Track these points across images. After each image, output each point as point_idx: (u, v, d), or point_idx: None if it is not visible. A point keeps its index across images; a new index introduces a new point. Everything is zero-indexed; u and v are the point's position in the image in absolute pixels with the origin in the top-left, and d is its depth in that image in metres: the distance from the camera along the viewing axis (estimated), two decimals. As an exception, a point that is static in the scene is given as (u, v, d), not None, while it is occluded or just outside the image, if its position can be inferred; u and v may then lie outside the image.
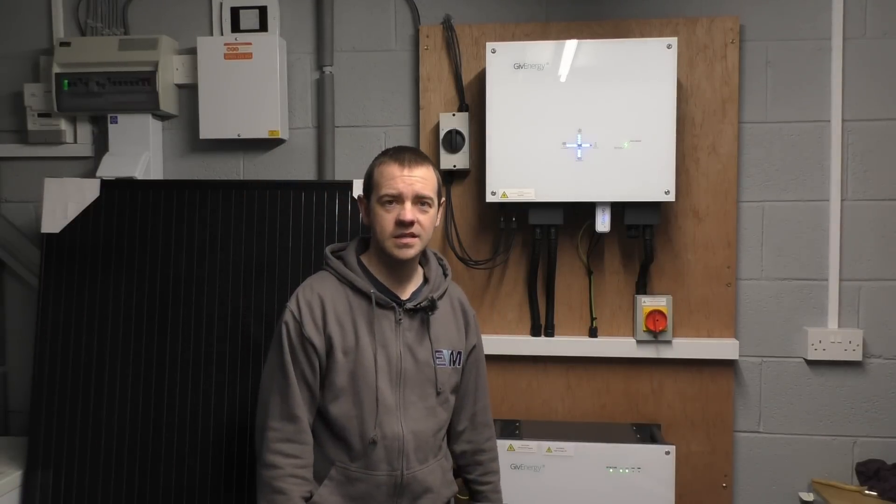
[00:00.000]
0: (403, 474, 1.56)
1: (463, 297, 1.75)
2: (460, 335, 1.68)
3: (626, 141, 2.02)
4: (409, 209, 1.54)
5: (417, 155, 1.59)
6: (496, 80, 2.06)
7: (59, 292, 2.13)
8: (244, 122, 2.25)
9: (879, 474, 2.07)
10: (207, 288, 2.09)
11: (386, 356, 1.57)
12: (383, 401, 1.55)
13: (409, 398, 1.58)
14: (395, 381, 1.57)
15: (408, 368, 1.58)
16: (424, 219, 1.57)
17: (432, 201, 1.58)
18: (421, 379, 1.59)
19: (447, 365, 1.64)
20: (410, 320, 1.60)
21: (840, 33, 2.14)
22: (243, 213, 2.12)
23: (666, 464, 1.94)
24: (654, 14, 2.19)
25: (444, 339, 1.64)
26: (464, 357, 1.69)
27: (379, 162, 1.60)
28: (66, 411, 2.08)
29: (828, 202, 2.16)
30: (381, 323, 1.58)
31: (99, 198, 2.15)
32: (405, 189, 1.54)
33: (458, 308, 1.71)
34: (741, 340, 2.17)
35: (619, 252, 2.20)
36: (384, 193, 1.55)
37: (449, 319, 1.67)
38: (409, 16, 2.29)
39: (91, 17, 2.36)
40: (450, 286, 1.71)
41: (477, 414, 1.74)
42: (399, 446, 1.55)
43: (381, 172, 1.57)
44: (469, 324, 1.72)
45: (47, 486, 2.06)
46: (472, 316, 1.73)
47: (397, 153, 1.58)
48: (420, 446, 1.58)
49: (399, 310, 1.59)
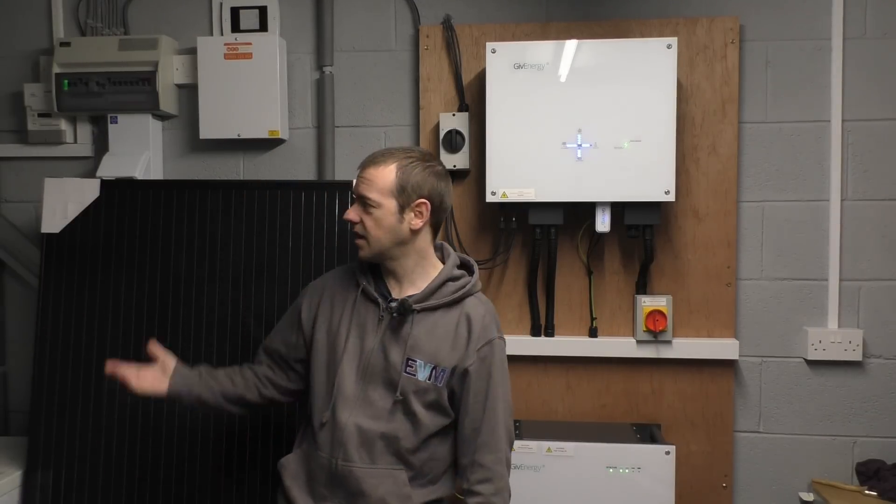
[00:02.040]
0: (338, 464, 1.55)
1: (480, 316, 1.58)
2: (452, 353, 1.55)
3: (626, 141, 2.02)
4: (352, 209, 1.58)
5: (382, 155, 1.56)
6: (496, 80, 2.06)
7: (59, 292, 2.13)
8: (244, 122, 2.25)
9: (879, 474, 2.07)
10: (207, 288, 2.09)
11: (360, 346, 1.59)
12: (342, 388, 1.57)
13: (371, 395, 1.57)
14: (361, 373, 1.58)
15: (375, 364, 1.57)
16: (368, 219, 1.54)
17: (375, 202, 1.53)
18: (385, 379, 1.57)
19: (419, 377, 1.54)
20: (393, 319, 1.58)
21: (840, 33, 2.14)
22: (243, 213, 2.12)
23: (666, 464, 1.94)
24: (654, 14, 2.19)
25: (426, 350, 1.55)
26: (449, 377, 1.55)
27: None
28: (66, 411, 2.08)
29: (828, 202, 2.16)
30: (364, 315, 1.60)
31: (99, 198, 2.15)
32: (355, 188, 1.58)
33: (463, 324, 1.57)
34: (741, 340, 2.17)
35: (619, 252, 2.20)
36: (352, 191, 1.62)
37: (446, 333, 1.56)
38: (409, 16, 2.29)
39: (91, 17, 2.36)
40: (471, 300, 1.60)
41: (476, 451, 1.56)
42: (339, 436, 1.56)
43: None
44: (469, 346, 1.55)
45: (47, 486, 2.06)
46: (478, 339, 1.56)
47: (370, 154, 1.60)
48: (365, 444, 1.55)
49: (383, 305, 1.60)
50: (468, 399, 1.57)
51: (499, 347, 1.59)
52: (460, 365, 1.55)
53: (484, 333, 1.57)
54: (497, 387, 1.57)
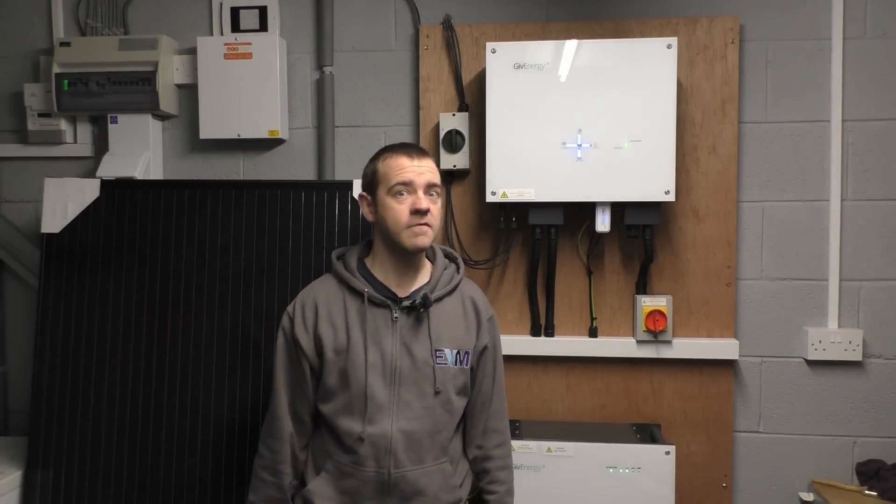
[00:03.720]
0: (391, 473, 1.55)
1: (478, 295, 1.70)
2: (469, 335, 1.64)
3: (626, 141, 2.02)
4: (423, 197, 1.55)
5: (420, 148, 1.63)
6: (496, 80, 2.06)
7: (59, 292, 2.13)
8: (244, 122, 2.25)
9: (879, 474, 2.07)
10: (207, 288, 2.09)
11: (380, 354, 1.57)
12: (374, 398, 1.55)
13: (405, 397, 1.57)
14: (390, 379, 1.57)
15: (403, 367, 1.57)
16: (435, 209, 1.58)
17: (441, 191, 1.60)
18: (418, 377, 1.58)
19: (450, 364, 1.60)
20: (407, 318, 1.59)
21: (840, 33, 2.14)
22: (243, 213, 2.12)
23: (666, 464, 1.94)
24: (654, 14, 2.19)
25: (447, 338, 1.61)
26: (472, 357, 1.65)
27: (385, 156, 1.61)
28: (66, 411, 2.08)
29: (828, 202, 2.16)
30: (376, 321, 1.58)
31: (99, 198, 2.15)
32: (417, 178, 1.55)
33: (469, 307, 1.66)
34: (741, 340, 2.17)
35: (619, 252, 2.20)
36: (397, 182, 1.55)
37: (457, 318, 1.64)
38: (409, 16, 2.29)
39: (91, 17, 2.36)
40: (463, 284, 1.69)
41: (489, 419, 1.70)
42: (386, 444, 1.55)
43: (388, 165, 1.58)
44: (481, 324, 1.67)
45: (47, 486, 2.06)
46: (485, 316, 1.68)
47: (403, 147, 1.61)
48: (412, 446, 1.57)
49: (395, 307, 1.59)
50: (482, 373, 1.68)
51: (496, 321, 1.74)
52: (479, 344, 1.66)
53: (487, 311, 1.70)
54: (500, 358, 1.74)
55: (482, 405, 1.69)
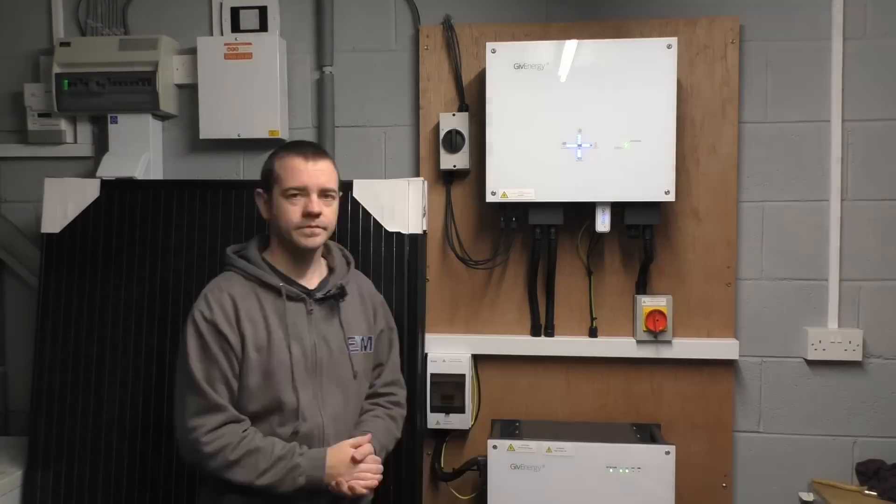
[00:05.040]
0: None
1: (369, 285, 1.82)
2: (369, 322, 1.74)
3: (626, 141, 2.02)
4: (316, 201, 1.57)
5: (318, 149, 1.65)
6: (496, 80, 2.06)
7: (59, 292, 2.13)
8: (244, 122, 2.25)
9: (879, 474, 2.07)
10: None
11: (301, 348, 1.59)
12: (302, 392, 1.57)
13: (327, 387, 1.61)
14: (312, 371, 1.60)
15: (323, 358, 1.61)
16: (328, 211, 1.61)
17: (336, 193, 1.64)
18: (336, 366, 1.63)
19: (360, 350, 1.69)
20: (321, 310, 1.63)
21: (840, 33, 2.14)
22: (243, 213, 2.12)
23: (666, 464, 1.94)
24: (654, 14, 2.19)
25: (355, 327, 1.69)
26: (374, 341, 1.75)
27: (280, 155, 1.62)
28: (66, 411, 2.09)
29: (828, 202, 2.16)
30: (294, 315, 1.60)
31: (99, 198, 2.15)
32: (310, 181, 1.57)
33: (365, 296, 1.76)
34: (741, 340, 2.17)
35: (619, 252, 2.20)
36: (290, 186, 1.58)
37: (357, 308, 1.72)
38: (409, 16, 2.28)
39: (91, 17, 2.36)
40: (355, 276, 1.77)
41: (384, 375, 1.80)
42: (320, 434, 1.58)
43: (283, 166, 1.60)
44: (377, 310, 1.78)
45: (47, 486, 2.07)
46: (379, 302, 1.81)
47: (299, 146, 1.63)
48: (340, 433, 1.61)
49: (309, 300, 1.61)
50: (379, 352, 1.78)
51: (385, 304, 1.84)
52: (376, 327, 1.77)
53: (378, 296, 1.82)
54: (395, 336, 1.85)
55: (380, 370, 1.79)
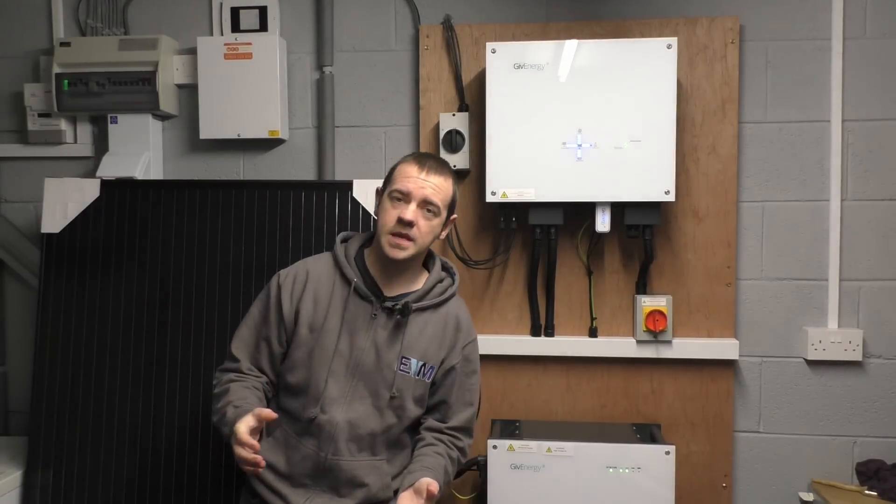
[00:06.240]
0: (328, 457, 1.57)
1: (463, 315, 1.70)
2: (440, 352, 1.65)
3: (626, 141, 2.02)
4: (413, 210, 1.57)
5: (440, 164, 1.64)
6: (496, 80, 2.06)
7: (59, 292, 2.13)
8: (244, 122, 2.25)
9: (879, 474, 2.07)
10: (207, 288, 2.09)
11: (350, 344, 1.59)
12: (332, 383, 1.58)
13: (360, 391, 1.60)
14: (352, 371, 1.59)
15: (367, 363, 1.60)
16: (425, 224, 1.59)
17: (438, 210, 1.60)
18: (377, 377, 1.60)
19: (411, 374, 1.61)
20: (386, 318, 1.61)
21: (840, 33, 2.14)
22: (243, 213, 2.12)
23: (666, 464, 1.94)
24: (654, 14, 2.19)
25: (418, 349, 1.62)
26: (437, 373, 1.65)
27: (403, 160, 1.64)
28: (66, 411, 2.08)
29: (828, 202, 2.16)
30: (356, 312, 1.60)
31: (99, 198, 2.15)
32: (415, 190, 1.57)
33: (451, 325, 1.67)
34: (741, 340, 2.17)
35: (619, 252, 2.20)
36: (395, 189, 1.59)
37: (435, 332, 1.64)
38: (409, 16, 2.28)
39: (91, 17, 2.36)
40: (454, 302, 1.69)
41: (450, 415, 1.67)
42: (331, 431, 1.57)
43: (400, 169, 1.62)
44: (456, 346, 1.66)
45: (47, 486, 2.06)
46: (464, 341, 1.68)
47: (422, 156, 1.64)
48: (354, 438, 1.59)
49: (377, 304, 1.61)
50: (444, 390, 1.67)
51: (477, 345, 1.75)
52: (447, 362, 1.66)
53: (469, 334, 1.71)
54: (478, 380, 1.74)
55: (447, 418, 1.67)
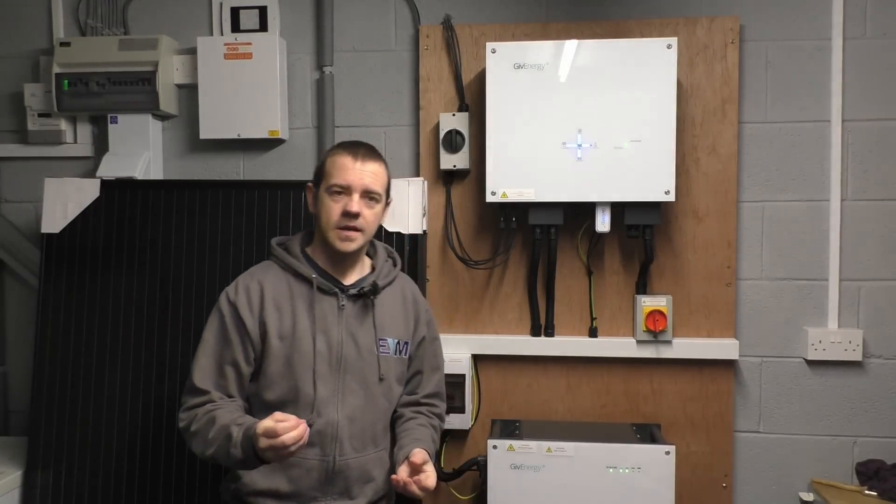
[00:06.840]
0: (336, 460, 1.56)
1: (415, 290, 1.78)
2: (408, 326, 1.70)
3: (626, 141, 2.02)
4: (357, 201, 1.57)
5: (371, 151, 1.63)
6: (496, 80, 2.06)
7: (59, 292, 2.13)
8: (244, 122, 2.25)
9: (879, 474, 2.07)
10: (207, 288, 2.09)
11: (326, 342, 1.58)
12: (321, 386, 1.56)
13: (350, 385, 1.59)
14: (335, 367, 1.58)
15: (349, 354, 1.59)
16: (370, 213, 1.60)
17: (380, 197, 1.62)
18: (362, 365, 1.60)
19: (391, 354, 1.65)
20: (353, 306, 1.62)
21: (840, 33, 2.14)
22: (243, 213, 2.12)
23: (666, 464, 1.94)
24: (654, 14, 2.19)
25: (390, 328, 1.66)
26: (412, 347, 1.71)
27: (333, 152, 1.63)
28: (66, 411, 2.09)
29: (828, 202, 2.16)
30: (323, 308, 1.59)
31: (99, 198, 2.15)
32: (355, 181, 1.57)
33: (409, 300, 1.73)
34: (741, 340, 2.17)
35: (619, 252, 2.20)
36: (334, 183, 1.58)
37: (397, 310, 1.69)
38: (409, 16, 2.29)
39: (91, 17, 2.36)
40: (401, 278, 1.75)
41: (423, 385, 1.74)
42: (333, 432, 1.56)
43: (333, 163, 1.60)
44: (420, 317, 1.73)
45: (47, 486, 2.07)
46: (423, 309, 1.76)
47: (352, 146, 1.62)
48: (356, 434, 1.59)
49: (342, 295, 1.61)
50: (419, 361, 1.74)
51: (431, 313, 1.81)
52: (417, 334, 1.73)
53: (424, 302, 1.78)
54: (440, 345, 1.81)
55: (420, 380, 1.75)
